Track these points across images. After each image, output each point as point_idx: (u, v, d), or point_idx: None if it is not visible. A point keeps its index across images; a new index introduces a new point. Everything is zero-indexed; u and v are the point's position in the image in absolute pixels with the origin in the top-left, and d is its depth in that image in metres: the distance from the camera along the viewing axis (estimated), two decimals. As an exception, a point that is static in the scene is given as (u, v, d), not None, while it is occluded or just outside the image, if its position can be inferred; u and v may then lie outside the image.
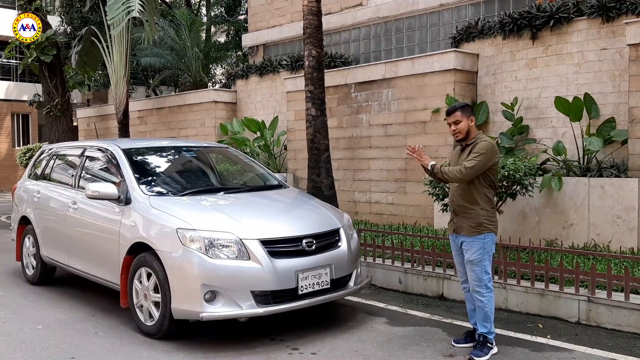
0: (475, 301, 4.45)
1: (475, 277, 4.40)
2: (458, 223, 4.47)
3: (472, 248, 4.39)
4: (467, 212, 4.39)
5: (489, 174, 4.40)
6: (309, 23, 8.07)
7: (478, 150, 4.32)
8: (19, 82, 24.54)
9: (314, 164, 8.04)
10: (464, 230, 4.42)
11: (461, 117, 4.41)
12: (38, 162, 7.44)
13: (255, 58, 14.55)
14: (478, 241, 4.37)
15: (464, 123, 4.41)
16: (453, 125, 4.44)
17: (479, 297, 4.39)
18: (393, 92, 9.24)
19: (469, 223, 4.39)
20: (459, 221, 4.45)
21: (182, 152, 6.52)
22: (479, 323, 4.43)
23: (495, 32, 8.55)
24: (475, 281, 4.40)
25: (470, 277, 4.44)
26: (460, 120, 4.41)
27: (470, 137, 4.45)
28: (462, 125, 4.41)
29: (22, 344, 4.77)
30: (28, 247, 7.00)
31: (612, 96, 7.46)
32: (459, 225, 4.46)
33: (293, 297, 4.68)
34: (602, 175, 6.93)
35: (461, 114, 4.41)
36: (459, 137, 4.45)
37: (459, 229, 4.47)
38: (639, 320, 4.82)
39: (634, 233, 6.40)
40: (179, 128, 13.98)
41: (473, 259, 4.38)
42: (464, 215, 4.42)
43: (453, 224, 4.55)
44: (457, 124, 4.42)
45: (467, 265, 4.45)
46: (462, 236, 4.45)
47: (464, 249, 4.45)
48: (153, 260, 4.79)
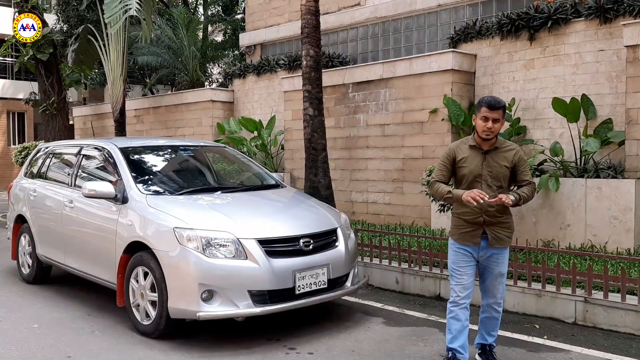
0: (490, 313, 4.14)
1: (502, 289, 4.10)
2: (494, 234, 3.95)
3: (505, 260, 4.06)
4: (503, 222, 3.98)
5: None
6: (306, 22, 8.06)
7: (525, 160, 4.03)
8: (14, 80, 24.44)
9: (311, 164, 8.03)
10: (503, 242, 3.98)
11: (501, 117, 3.90)
12: (34, 160, 7.42)
13: (252, 57, 14.53)
14: (508, 251, 4.10)
15: (500, 124, 3.93)
16: (491, 122, 3.86)
17: (498, 308, 4.13)
18: (391, 92, 9.24)
19: (507, 234, 4.00)
20: (495, 232, 3.95)
21: (179, 151, 6.51)
22: (489, 333, 4.21)
23: (493, 32, 8.55)
24: (500, 293, 4.09)
25: (497, 291, 4.07)
26: (499, 119, 3.89)
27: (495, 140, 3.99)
28: (499, 126, 3.91)
29: (18, 343, 4.75)
30: (24, 246, 6.98)
31: (609, 97, 7.47)
32: (496, 237, 3.95)
33: (290, 296, 4.68)
34: (599, 176, 6.94)
35: (503, 113, 3.92)
36: (490, 137, 3.91)
37: (495, 240, 3.96)
38: (635, 320, 4.83)
39: (630, 234, 6.42)
40: (175, 127, 13.95)
41: (505, 271, 4.08)
42: (499, 225, 3.96)
43: (481, 235, 3.96)
44: (496, 122, 3.88)
45: (496, 278, 4.05)
46: (495, 248, 3.98)
47: (497, 262, 4.02)
48: (150, 259, 4.78)
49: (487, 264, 4.04)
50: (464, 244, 4.01)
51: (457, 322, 4.03)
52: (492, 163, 3.95)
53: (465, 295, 4.02)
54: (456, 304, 4.03)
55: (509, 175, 3.99)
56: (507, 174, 3.98)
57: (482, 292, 4.15)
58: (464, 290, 4.01)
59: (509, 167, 3.97)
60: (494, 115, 3.87)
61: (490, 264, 4.03)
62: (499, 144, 4.01)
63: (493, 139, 3.94)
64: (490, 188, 3.92)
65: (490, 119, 3.87)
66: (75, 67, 15.47)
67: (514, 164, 3.98)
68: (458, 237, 4.04)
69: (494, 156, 3.97)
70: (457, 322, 4.03)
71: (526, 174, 4.00)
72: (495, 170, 3.95)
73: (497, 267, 4.03)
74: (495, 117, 3.87)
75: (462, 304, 4.02)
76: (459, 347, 4.03)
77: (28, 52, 15.77)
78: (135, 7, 9.91)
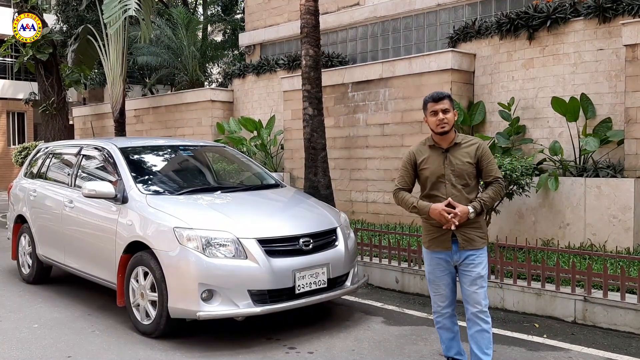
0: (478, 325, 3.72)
1: (484, 294, 3.73)
2: (464, 236, 3.71)
3: (483, 261, 3.75)
4: (474, 222, 3.73)
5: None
6: (306, 22, 8.07)
7: (489, 154, 3.79)
8: (14, 80, 24.45)
9: (310, 164, 8.04)
10: (475, 243, 3.73)
11: (449, 106, 3.73)
12: (34, 160, 7.42)
13: (252, 57, 14.53)
14: (484, 252, 3.79)
15: (452, 114, 3.74)
16: (441, 114, 3.70)
17: (486, 318, 3.72)
18: (390, 91, 9.24)
19: (478, 234, 3.75)
20: (465, 234, 3.71)
21: (178, 151, 6.51)
22: (483, 352, 3.73)
23: (492, 32, 8.55)
24: (483, 299, 3.72)
25: (479, 297, 3.72)
26: (449, 110, 3.72)
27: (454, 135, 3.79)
28: (450, 116, 3.72)
29: (19, 343, 4.75)
30: (24, 246, 6.98)
31: (608, 96, 7.48)
32: (466, 239, 3.72)
33: (290, 296, 4.69)
34: (599, 175, 6.95)
35: (449, 102, 3.75)
36: (446, 129, 3.71)
37: (466, 242, 3.72)
38: (634, 319, 4.84)
39: (629, 233, 6.43)
40: (175, 127, 13.95)
41: (484, 273, 3.75)
42: (469, 226, 3.72)
43: (450, 238, 3.74)
44: (446, 113, 3.71)
45: (475, 283, 3.73)
46: (468, 250, 3.73)
47: (473, 264, 3.73)
48: (150, 259, 4.78)
49: (464, 268, 3.77)
50: (435, 250, 3.81)
51: (447, 332, 3.96)
52: (454, 161, 3.74)
53: (446, 305, 3.90)
54: (440, 314, 3.94)
55: (474, 171, 3.77)
56: (471, 170, 3.75)
57: (465, 302, 3.80)
58: (445, 300, 3.89)
59: (472, 162, 3.74)
60: (441, 106, 3.72)
61: (466, 268, 3.75)
62: (460, 139, 3.80)
63: (450, 132, 3.75)
64: (454, 187, 3.71)
65: (439, 111, 3.71)
66: (75, 67, 15.46)
67: (477, 159, 3.75)
68: (429, 244, 3.85)
69: (455, 153, 3.75)
70: (446, 332, 3.97)
71: (491, 169, 3.77)
72: (458, 167, 3.72)
73: (474, 269, 3.73)
74: (443, 107, 3.72)
75: (446, 313, 3.92)
76: (456, 355, 3.99)
77: (28, 52, 15.77)
78: (134, 7, 9.91)
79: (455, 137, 3.79)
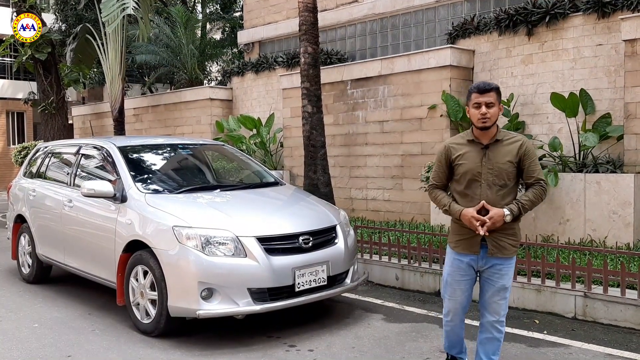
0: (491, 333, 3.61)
1: (505, 306, 3.56)
2: (495, 242, 3.46)
3: (509, 272, 3.53)
4: (507, 229, 3.46)
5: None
6: (304, 20, 8.06)
7: (533, 153, 3.47)
8: (13, 80, 24.44)
9: (310, 161, 8.04)
10: (505, 252, 3.48)
11: (495, 100, 3.45)
12: (33, 160, 7.42)
13: (250, 55, 14.52)
14: (513, 262, 3.56)
15: (496, 108, 3.45)
16: (484, 108, 3.41)
17: (500, 328, 3.59)
18: (389, 88, 9.23)
19: (511, 242, 3.49)
20: (497, 240, 3.46)
21: (178, 150, 6.50)
22: (489, 357, 3.66)
23: (491, 28, 8.54)
24: (503, 310, 3.57)
25: (499, 307, 3.55)
26: (493, 104, 3.43)
27: (495, 129, 3.51)
28: (495, 110, 3.44)
29: (19, 342, 4.75)
30: (24, 246, 6.98)
31: (607, 92, 7.47)
32: (497, 246, 3.46)
33: (290, 294, 4.68)
34: (598, 171, 6.95)
35: (496, 95, 3.46)
36: (487, 125, 3.43)
37: (496, 249, 3.47)
38: (635, 315, 4.84)
39: (629, 228, 6.42)
40: (174, 125, 13.95)
41: (509, 285, 3.54)
42: (502, 232, 3.45)
43: (479, 242, 3.49)
44: (490, 107, 3.42)
45: (498, 293, 3.53)
46: (497, 258, 3.49)
47: (499, 274, 3.51)
48: (149, 258, 4.78)
49: (488, 276, 3.54)
50: (461, 253, 3.57)
51: (454, 335, 3.81)
52: (494, 159, 3.44)
53: (458, 312, 3.69)
54: (451, 320, 3.72)
55: (514, 172, 3.46)
56: (511, 170, 3.44)
57: (482, 308, 3.64)
58: (457, 306, 3.66)
59: (513, 162, 3.44)
60: (487, 99, 3.42)
61: (491, 276, 3.53)
62: (502, 135, 3.50)
63: (492, 127, 3.47)
64: (490, 189, 3.44)
65: (483, 104, 3.42)
66: (73, 67, 15.45)
67: (519, 159, 3.44)
68: (455, 245, 3.60)
69: (496, 150, 3.46)
70: (453, 335, 3.81)
71: (534, 169, 3.45)
72: (497, 167, 3.43)
73: (499, 280, 3.51)
74: (488, 100, 3.42)
75: (456, 319, 3.71)
76: (458, 354, 3.92)
77: (26, 51, 15.75)
78: (133, 5, 9.90)
79: (497, 133, 3.50)
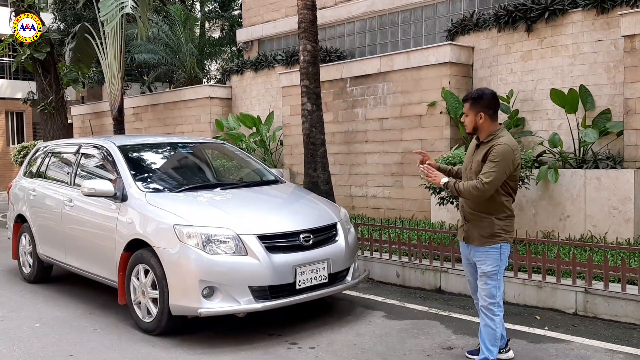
0: (483, 319, 3.84)
1: (488, 292, 3.80)
2: (469, 231, 3.89)
3: (487, 259, 3.80)
4: (479, 221, 3.81)
5: (508, 182, 3.77)
6: (303, 17, 8.05)
7: (494, 157, 3.66)
8: (12, 80, 24.42)
9: (310, 159, 8.04)
10: (475, 241, 3.84)
11: (467, 111, 3.83)
12: (33, 160, 7.42)
13: (250, 53, 14.51)
14: (494, 251, 3.79)
15: (469, 118, 3.82)
16: (463, 116, 3.92)
17: (490, 315, 3.79)
18: (389, 86, 9.22)
19: (481, 232, 3.81)
20: (470, 229, 3.88)
21: (177, 149, 6.50)
22: (484, 346, 3.82)
23: (490, 24, 8.53)
24: (487, 297, 3.80)
25: (482, 292, 3.83)
26: (466, 114, 3.86)
27: (484, 134, 3.81)
28: (467, 121, 3.84)
29: (20, 342, 4.76)
30: (24, 246, 6.98)
31: (607, 88, 7.46)
32: (469, 235, 3.89)
33: (291, 291, 4.69)
34: (598, 166, 6.94)
35: (469, 107, 3.82)
36: (467, 131, 3.90)
37: (469, 238, 3.89)
38: (635, 310, 4.84)
39: (630, 224, 6.42)
40: (174, 124, 13.94)
41: (488, 270, 3.80)
42: (473, 222, 3.85)
43: (463, 231, 3.97)
44: (465, 117, 3.88)
45: (480, 278, 3.84)
46: (473, 247, 3.88)
47: (476, 261, 3.87)
48: (150, 256, 4.78)
49: (475, 262, 3.93)
50: (459, 240, 4.10)
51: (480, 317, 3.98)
52: (479, 154, 3.81)
53: (473, 293, 4.16)
54: (474, 298, 4.15)
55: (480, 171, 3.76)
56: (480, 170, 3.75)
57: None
58: (471, 287, 4.17)
59: (481, 162, 3.76)
60: (464, 109, 3.92)
61: (476, 263, 3.91)
62: (487, 139, 3.79)
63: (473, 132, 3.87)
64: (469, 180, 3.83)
65: (463, 113, 3.95)
66: (72, 66, 15.42)
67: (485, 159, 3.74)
68: (457, 234, 4.13)
69: (483, 149, 3.79)
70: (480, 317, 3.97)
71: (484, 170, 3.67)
72: (475, 164, 3.82)
73: (480, 266, 3.85)
74: (464, 110, 3.92)
75: (475, 299, 4.12)
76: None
77: (25, 51, 15.74)
78: (131, 4, 9.89)
79: (487, 137, 3.81)
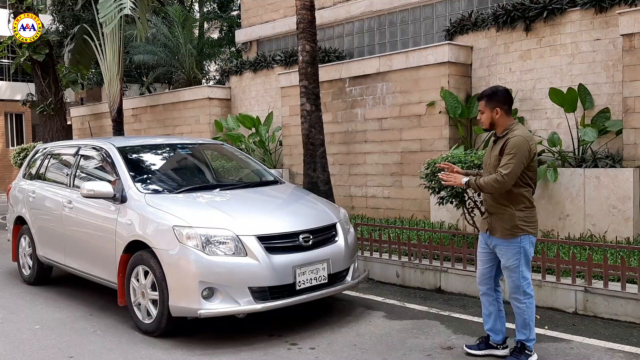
0: (514, 307, 4.04)
1: (513, 284, 3.98)
2: (492, 224, 4.03)
3: (507, 253, 3.97)
4: (499, 213, 3.96)
5: (527, 172, 3.88)
6: (302, 18, 8.05)
7: (510, 149, 3.82)
8: (11, 81, 24.43)
9: (309, 159, 8.04)
10: (497, 233, 3.98)
11: (483, 108, 4.03)
12: (32, 161, 7.41)
13: (248, 54, 14.51)
14: (514, 245, 3.93)
15: (485, 115, 4.02)
16: (479, 114, 4.09)
17: (517, 303, 4.00)
18: (387, 86, 9.23)
19: (504, 225, 3.94)
20: (493, 222, 4.02)
21: (177, 150, 6.50)
22: (518, 330, 4.06)
23: (489, 24, 8.54)
24: (512, 288, 4.00)
25: (507, 284, 4.03)
26: (482, 111, 4.04)
27: (501, 128, 3.99)
28: (484, 117, 4.03)
29: (20, 344, 4.76)
30: (24, 247, 6.98)
31: (606, 87, 7.47)
32: (492, 227, 4.03)
33: (291, 292, 4.69)
34: (597, 165, 6.95)
35: (485, 104, 4.01)
36: (483, 127, 4.10)
37: (492, 230, 4.03)
38: (635, 309, 4.84)
39: (629, 223, 6.43)
40: (173, 125, 13.94)
41: (509, 265, 3.96)
42: (496, 215, 4.00)
43: (486, 223, 4.11)
44: (481, 114, 4.05)
45: (503, 271, 4.05)
46: (495, 238, 4.01)
47: (499, 254, 4.04)
48: (150, 258, 4.78)
49: (497, 254, 4.09)
50: (481, 232, 4.19)
51: (483, 308, 4.27)
52: (497, 150, 3.97)
53: (480, 281, 4.25)
54: (480, 289, 4.27)
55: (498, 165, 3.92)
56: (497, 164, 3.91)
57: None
58: (480, 276, 4.24)
59: (498, 156, 3.93)
60: (480, 107, 4.08)
61: (499, 256, 4.07)
62: (503, 134, 3.96)
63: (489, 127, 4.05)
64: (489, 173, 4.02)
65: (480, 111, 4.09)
66: (71, 67, 15.44)
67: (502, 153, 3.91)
68: (479, 225, 4.28)
69: (500, 144, 3.96)
70: (483, 308, 4.28)
71: (502, 163, 3.84)
72: (493, 159, 3.99)
73: (501, 259, 4.03)
74: (480, 108, 4.07)
75: (481, 291, 4.25)
76: (488, 330, 4.26)
77: (24, 53, 15.74)
78: (130, 5, 9.89)
79: (502, 132, 3.98)
